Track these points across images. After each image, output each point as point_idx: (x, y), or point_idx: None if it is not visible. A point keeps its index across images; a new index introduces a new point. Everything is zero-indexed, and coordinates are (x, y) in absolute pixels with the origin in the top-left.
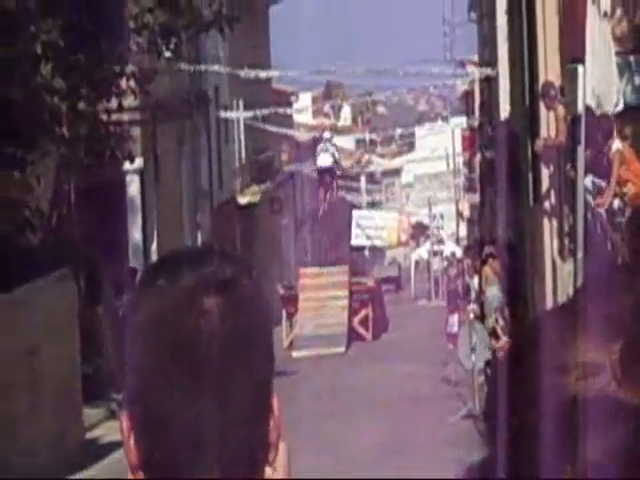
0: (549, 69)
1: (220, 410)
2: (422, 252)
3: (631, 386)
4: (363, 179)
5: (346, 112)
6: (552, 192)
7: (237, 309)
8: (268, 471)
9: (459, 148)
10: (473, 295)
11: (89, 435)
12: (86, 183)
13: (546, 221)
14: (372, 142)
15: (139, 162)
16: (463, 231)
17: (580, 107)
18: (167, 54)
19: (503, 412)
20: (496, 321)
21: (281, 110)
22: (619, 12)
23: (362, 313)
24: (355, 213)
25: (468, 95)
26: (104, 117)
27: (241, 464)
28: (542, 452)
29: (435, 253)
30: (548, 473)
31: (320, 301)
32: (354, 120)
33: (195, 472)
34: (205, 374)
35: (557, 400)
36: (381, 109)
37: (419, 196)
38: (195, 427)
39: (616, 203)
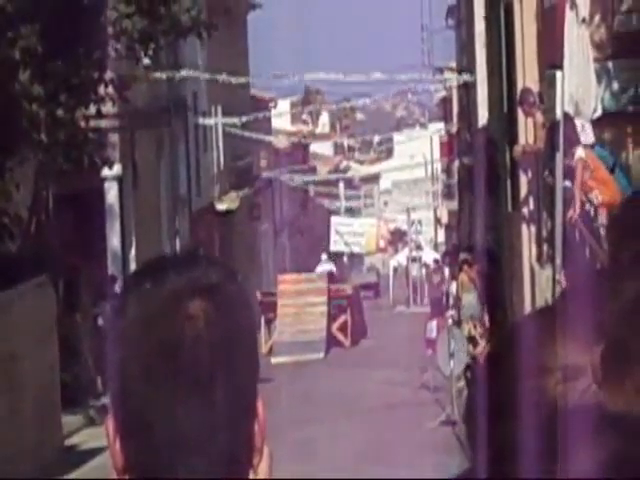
0: (527, 75)
1: (205, 414)
2: (400, 258)
3: (610, 388)
4: (341, 185)
5: (324, 119)
6: (530, 198)
7: (222, 313)
8: (251, 475)
9: (437, 154)
10: (451, 301)
11: (68, 442)
12: (64, 190)
13: (524, 227)
14: (350, 148)
15: (117, 169)
16: (441, 237)
17: (558, 113)
18: (145, 60)
19: (483, 417)
20: (474, 327)
21: (260, 116)
22: (597, 18)
23: (341, 319)
24: (334, 219)
25: (446, 101)
26: (82, 124)
27: (226, 467)
28: (523, 456)
29: (414, 259)
30: (528, 476)
31: (299, 307)
32: (332, 126)
33: (180, 475)
34: (190, 378)
35: (537, 404)
36: (359, 116)
37: (397, 202)
38: (180, 430)
39: (590, 210)
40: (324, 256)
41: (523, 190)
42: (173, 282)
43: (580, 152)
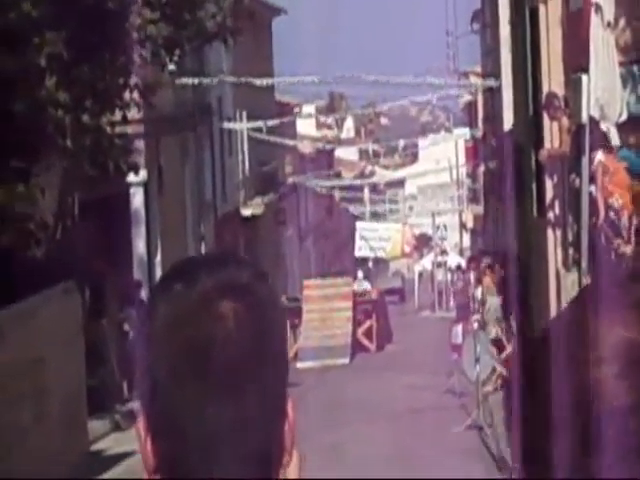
0: (552, 79)
1: (236, 414)
2: (426, 263)
3: None
4: (366, 190)
5: (349, 124)
6: (556, 203)
7: (252, 314)
8: (281, 475)
9: (462, 159)
10: (477, 306)
11: (94, 447)
12: (90, 195)
13: (550, 231)
14: (375, 153)
15: (143, 174)
16: (467, 242)
17: (584, 117)
18: (171, 66)
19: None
20: (501, 331)
21: (285, 121)
22: (623, 22)
23: (366, 324)
24: (359, 225)
25: (471, 106)
26: (108, 129)
27: (257, 467)
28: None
29: (439, 264)
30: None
31: (324, 312)
32: (357, 131)
33: (211, 475)
34: (221, 378)
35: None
36: (384, 120)
37: (422, 207)
38: (211, 430)
39: (611, 214)
40: (360, 274)
41: (549, 194)
42: (204, 283)
43: (600, 156)
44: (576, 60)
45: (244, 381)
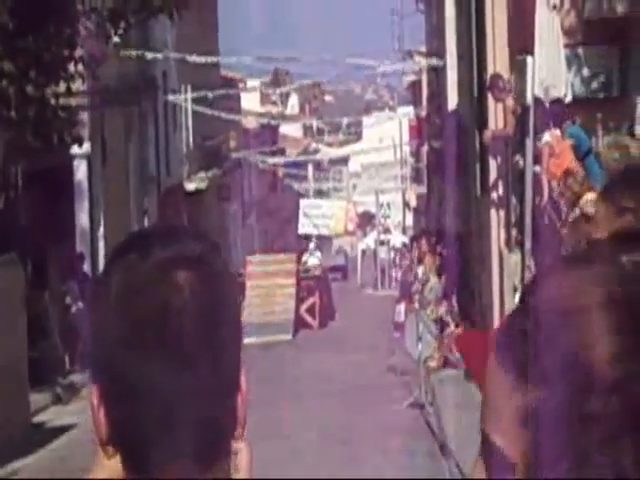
0: (497, 61)
1: (190, 384)
2: (369, 241)
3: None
4: (310, 167)
5: (293, 100)
6: (499, 183)
7: (207, 284)
8: (235, 445)
9: (406, 138)
10: (419, 284)
11: (35, 420)
12: (33, 167)
13: (493, 212)
14: (319, 130)
15: (87, 147)
16: (410, 221)
17: (529, 98)
18: (116, 39)
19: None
20: (444, 310)
21: (230, 94)
22: (568, 4)
23: (309, 301)
24: (302, 202)
25: (416, 85)
26: (52, 101)
27: (210, 438)
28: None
29: (382, 242)
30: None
31: (267, 289)
32: (301, 108)
33: (164, 444)
34: (175, 348)
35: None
36: (328, 98)
37: (366, 185)
38: (164, 400)
39: (554, 196)
40: (312, 245)
41: (492, 175)
42: (158, 253)
43: (547, 137)
44: (521, 41)
45: (198, 351)
